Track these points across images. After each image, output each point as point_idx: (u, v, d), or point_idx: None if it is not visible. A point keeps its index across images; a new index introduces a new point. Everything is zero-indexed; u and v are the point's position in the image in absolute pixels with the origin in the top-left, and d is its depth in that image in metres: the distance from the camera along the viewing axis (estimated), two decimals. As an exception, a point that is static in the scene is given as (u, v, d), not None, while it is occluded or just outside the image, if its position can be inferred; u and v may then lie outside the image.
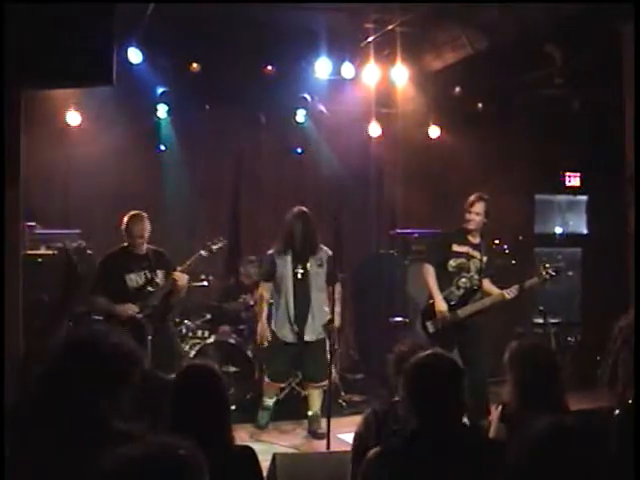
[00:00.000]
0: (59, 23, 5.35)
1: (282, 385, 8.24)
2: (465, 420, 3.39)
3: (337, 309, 7.30)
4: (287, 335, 7.75)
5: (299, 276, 7.74)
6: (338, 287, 7.46)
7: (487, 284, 7.33)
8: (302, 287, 7.74)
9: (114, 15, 5.43)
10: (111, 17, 5.46)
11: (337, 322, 7.43)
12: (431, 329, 7.27)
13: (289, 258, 7.79)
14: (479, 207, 7.30)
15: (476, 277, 7.27)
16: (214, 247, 7.44)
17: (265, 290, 7.91)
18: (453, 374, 3.31)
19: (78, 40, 5.40)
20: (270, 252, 7.93)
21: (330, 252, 7.70)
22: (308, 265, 7.76)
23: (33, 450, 2.18)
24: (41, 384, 2.36)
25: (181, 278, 7.18)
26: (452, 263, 7.32)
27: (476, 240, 7.37)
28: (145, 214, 7.39)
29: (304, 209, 7.87)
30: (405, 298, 10.02)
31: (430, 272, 7.36)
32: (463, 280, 7.30)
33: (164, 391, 3.71)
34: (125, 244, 7.34)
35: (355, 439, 4.28)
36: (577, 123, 10.88)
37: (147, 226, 7.30)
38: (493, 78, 10.27)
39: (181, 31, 8.93)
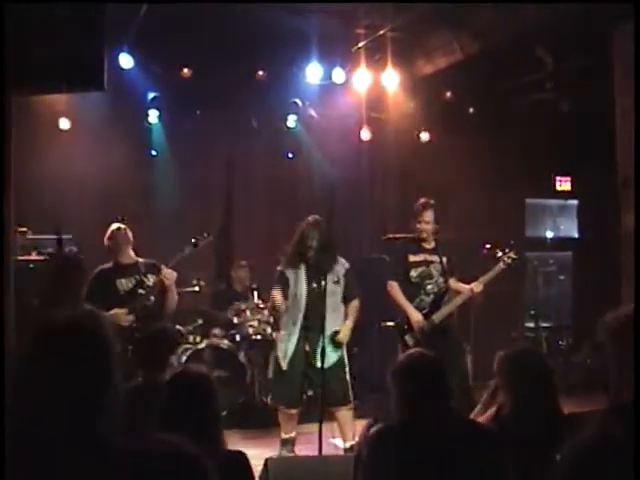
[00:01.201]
0: (50, 28, 5.34)
1: (297, 411, 6.97)
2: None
3: (349, 323, 6.88)
4: (293, 357, 6.81)
5: (313, 295, 6.77)
6: (356, 302, 6.99)
7: (454, 283, 7.33)
8: (316, 307, 6.70)
9: (105, 20, 5.42)
10: (102, 22, 5.45)
11: (346, 338, 6.85)
12: (411, 342, 7.14)
13: (302, 274, 6.83)
14: (429, 215, 7.26)
15: (441, 280, 7.23)
16: (200, 243, 7.29)
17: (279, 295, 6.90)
18: (437, 367, 3.47)
19: (69, 45, 5.39)
20: (279, 268, 6.96)
21: (347, 265, 7.02)
22: (323, 282, 6.71)
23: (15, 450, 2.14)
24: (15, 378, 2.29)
25: (169, 274, 6.97)
26: (413, 274, 7.27)
27: (431, 245, 7.32)
28: (123, 226, 7.24)
29: (319, 218, 6.94)
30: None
31: (395, 288, 7.27)
32: (429, 287, 7.24)
33: (155, 393, 3.71)
34: (114, 259, 7.24)
35: (357, 448, 4.29)
36: (567, 127, 10.91)
37: (129, 236, 7.22)
38: (484, 82, 10.31)
39: (172, 36, 8.93)
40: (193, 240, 7.26)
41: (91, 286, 7.13)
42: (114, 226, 7.25)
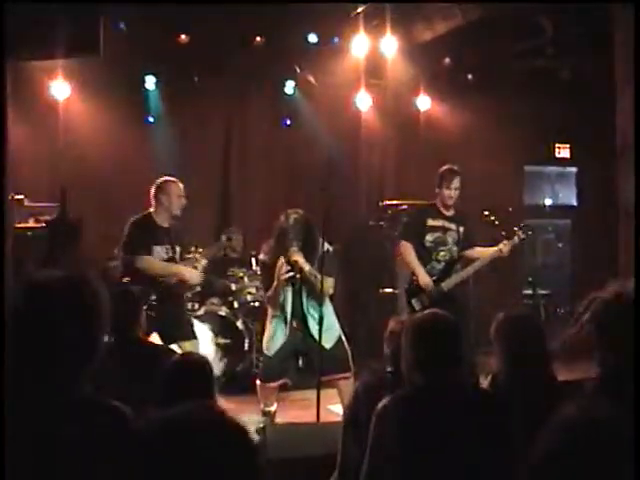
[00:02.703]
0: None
1: (279, 383, 6.79)
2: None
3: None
4: (277, 344, 6.67)
5: (297, 287, 6.58)
6: (330, 281, 6.58)
7: (480, 250, 7.31)
8: (300, 297, 6.58)
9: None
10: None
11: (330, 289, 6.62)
12: (417, 306, 7.14)
13: (284, 268, 6.50)
14: (456, 182, 7.17)
15: (454, 249, 7.21)
16: (233, 237, 7.17)
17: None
18: (452, 330, 3.43)
19: (64, 11, 5.36)
20: (261, 257, 6.78)
21: (326, 246, 6.55)
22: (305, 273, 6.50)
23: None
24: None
25: (194, 277, 6.88)
26: (429, 238, 7.22)
27: (450, 212, 7.28)
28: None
29: (299, 212, 6.61)
30: (394, 269, 10.02)
31: (409, 249, 7.24)
32: (442, 253, 7.21)
33: (156, 361, 3.73)
34: (149, 212, 6.84)
35: (346, 410, 4.30)
36: (567, 94, 10.87)
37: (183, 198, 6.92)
38: (483, 49, 10.24)
39: (169, 3, 8.85)
40: (224, 237, 7.35)
41: (133, 238, 6.73)
42: (167, 178, 7.00)
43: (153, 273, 6.62)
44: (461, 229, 7.24)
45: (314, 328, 6.46)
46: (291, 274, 6.43)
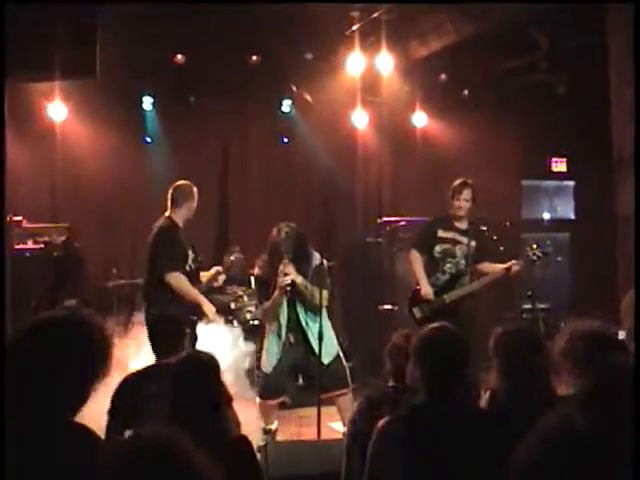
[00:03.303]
0: (43, 16, 5.33)
1: (278, 401, 6.78)
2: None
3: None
4: (273, 363, 6.62)
5: (292, 301, 6.53)
6: (324, 294, 6.50)
7: (488, 266, 7.31)
8: (295, 311, 6.55)
9: (97, 7, 5.41)
10: (94, 9, 5.43)
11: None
12: (418, 315, 7.19)
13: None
14: (467, 193, 7.19)
15: (463, 262, 7.19)
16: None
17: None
18: (461, 348, 3.43)
19: (62, 33, 5.38)
20: (256, 272, 6.76)
21: (318, 260, 6.61)
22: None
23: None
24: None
25: (209, 310, 6.66)
26: (437, 249, 7.22)
27: (463, 226, 7.27)
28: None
29: (291, 225, 6.59)
30: (393, 286, 10.02)
31: (417, 258, 7.29)
32: (448, 265, 7.20)
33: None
34: (169, 216, 6.73)
35: (349, 425, 4.29)
36: (563, 108, 10.90)
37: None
38: (479, 65, 10.28)
39: (165, 22, 8.90)
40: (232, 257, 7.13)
41: (174, 249, 6.63)
42: (183, 182, 6.90)
43: (178, 292, 6.51)
44: (473, 243, 7.22)
45: (314, 342, 6.42)
46: (289, 281, 6.37)
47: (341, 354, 6.74)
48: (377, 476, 3.27)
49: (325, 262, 6.62)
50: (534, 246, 7.28)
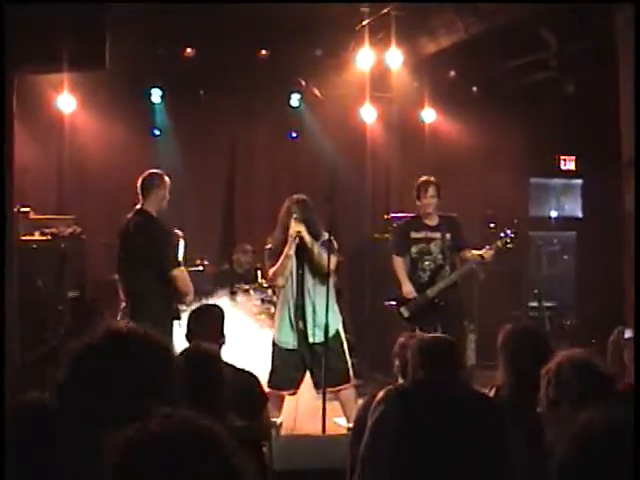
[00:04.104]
0: (52, 7, 5.33)
1: (287, 393, 6.81)
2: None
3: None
4: (288, 340, 6.76)
5: (300, 272, 6.74)
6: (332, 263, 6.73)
7: (468, 254, 7.47)
8: (305, 284, 6.74)
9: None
10: (104, 2, 5.44)
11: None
12: (405, 314, 7.43)
13: (290, 252, 6.71)
14: (430, 191, 7.43)
15: (440, 256, 7.42)
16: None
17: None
18: (451, 352, 3.62)
19: (70, 24, 5.38)
20: (268, 247, 6.92)
21: (326, 236, 6.77)
22: (307, 263, 6.74)
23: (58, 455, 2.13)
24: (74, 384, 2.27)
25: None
26: (414, 250, 7.47)
27: (433, 222, 7.49)
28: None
29: (303, 196, 6.86)
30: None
31: (397, 261, 7.55)
32: (426, 263, 7.44)
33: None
34: (141, 208, 6.65)
35: (355, 422, 4.28)
36: (572, 107, 10.87)
37: None
38: (488, 62, 10.26)
39: (175, 16, 8.89)
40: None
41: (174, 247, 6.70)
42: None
43: (181, 286, 6.47)
44: (447, 235, 7.44)
45: (312, 325, 6.63)
46: (297, 241, 6.54)
47: (346, 349, 6.80)
48: (375, 451, 3.27)
49: (332, 239, 6.70)
50: (502, 235, 7.49)
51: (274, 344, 6.84)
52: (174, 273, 6.39)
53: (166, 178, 6.66)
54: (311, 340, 6.67)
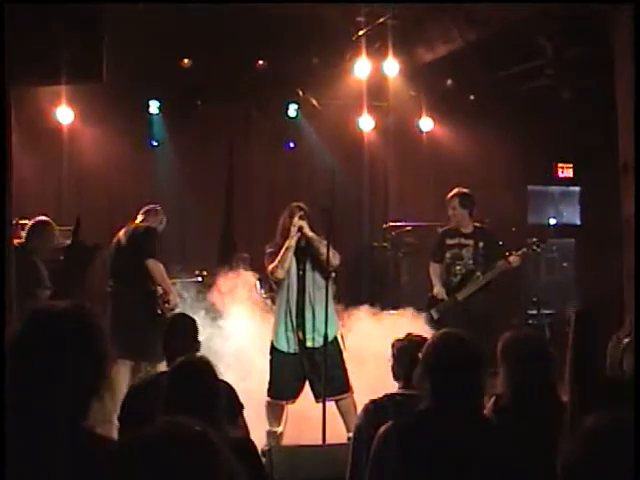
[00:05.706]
0: (48, 19, 5.33)
1: (287, 403, 6.73)
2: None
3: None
4: (285, 343, 6.72)
5: (300, 274, 6.77)
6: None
7: (500, 262, 7.76)
8: (302, 286, 6.75)
9: (104, 10, 5.41)
10: (101, 12, 5.44)
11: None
12: (435, 316, 7.75)
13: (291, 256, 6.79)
14: (453, 204, 7.86)
15: (470, 262, 7.79)
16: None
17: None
18: (471, 356, 3.33)
19: (68, 36, 5.39)
20: (270, 250, 6.91)
21: (325, 243, 6.74)
22: (308, 263, 6.81)
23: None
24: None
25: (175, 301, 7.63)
26: (448, 255, 7.88)
27: (468, 230, 7.88)
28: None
29: (301, 204, 6.97)
30: (398, 291, 10.02)
31: (433, 267, 8.01)
32: (458, 268, 7.82)
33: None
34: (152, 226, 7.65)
35: (355, 430, 4.28)
36: (569, 114, 10.89)
37: None
38: (484, 70, 10.28)
39: (172, 27, 8.91)
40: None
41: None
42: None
43: (157, 277, 7.32)
44: (480, 244, 7.83)
45: (311, 330, 6.62)
46: (299, 233, 6.61)
47: (344, 356, 6.74)
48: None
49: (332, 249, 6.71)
50: (534, 239, 7.93)
51: (272, 349, 6.79)
52: (148, 263, 6.88)
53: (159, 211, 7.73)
54: (309, 345, 6.62)
